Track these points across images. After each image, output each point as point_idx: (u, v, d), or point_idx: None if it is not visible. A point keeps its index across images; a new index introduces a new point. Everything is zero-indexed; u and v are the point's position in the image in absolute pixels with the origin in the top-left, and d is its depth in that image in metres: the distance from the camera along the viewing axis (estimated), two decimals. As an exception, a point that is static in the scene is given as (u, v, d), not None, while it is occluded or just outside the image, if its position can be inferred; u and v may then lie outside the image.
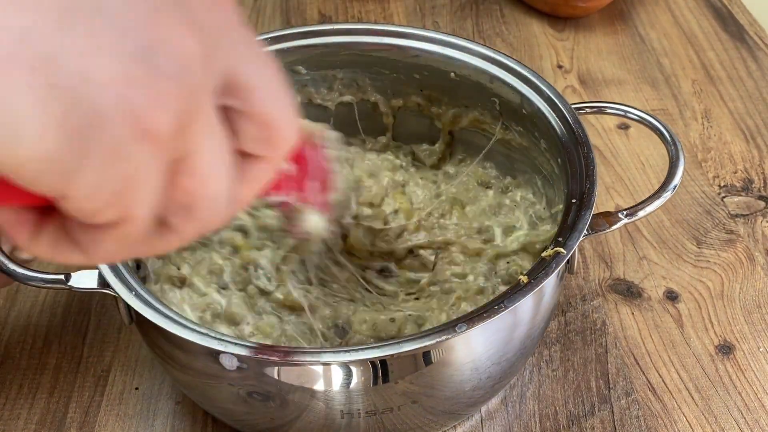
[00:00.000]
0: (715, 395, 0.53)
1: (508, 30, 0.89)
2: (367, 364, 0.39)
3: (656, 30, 0.88)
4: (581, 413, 0.52)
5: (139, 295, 0.41)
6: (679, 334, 0.57)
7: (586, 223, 0.43)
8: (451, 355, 0.41)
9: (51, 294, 0.60)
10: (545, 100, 0.51)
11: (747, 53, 0.83)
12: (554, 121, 0.50)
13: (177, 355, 0.43)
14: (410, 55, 0.57)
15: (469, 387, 0.44)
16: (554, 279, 0.44)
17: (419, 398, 0.42)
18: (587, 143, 0.48)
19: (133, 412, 0.52)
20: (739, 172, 0.70)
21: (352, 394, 0.41)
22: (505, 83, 0.54)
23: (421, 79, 0.58)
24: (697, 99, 0.78)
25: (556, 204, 0.52)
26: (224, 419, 0.49)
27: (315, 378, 0.40)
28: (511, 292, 0.40)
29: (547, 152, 0.52)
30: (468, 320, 0.38)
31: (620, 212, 0.46)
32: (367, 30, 0.57)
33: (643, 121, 0.51)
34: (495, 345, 0.43)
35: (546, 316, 0.47)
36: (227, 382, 0.42)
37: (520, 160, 0.58)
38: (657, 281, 0.60)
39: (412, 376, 0.41)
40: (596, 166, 0.47)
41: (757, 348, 0.55)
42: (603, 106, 0.53)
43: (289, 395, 0.41)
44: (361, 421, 0.42)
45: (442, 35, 0.56)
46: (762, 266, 0.61)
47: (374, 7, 0.93)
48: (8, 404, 0.53)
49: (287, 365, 0.39)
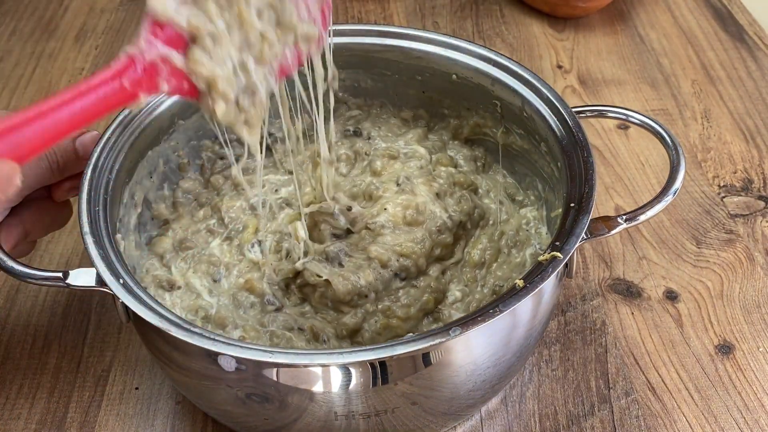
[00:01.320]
0: (714, 395, 0.53)
1: (508, 30, 0.89)
2: (366, 365, 0.39)
3: (656, 30, 0.88)
4: (581, 413, 0.52)
5: (135, 294, 0.41)
6: (678, 334, 0.57)
7: (584, 228, 0.43)
8: (449, 356, 0.41)
9: (51, 294, 0.60)
10: (546, 102, 0.51)
11: (747, 53, 0.84)
12: (554, 124, 0.50)
13: (174, 356, 0.43)
14: (412, 56, 0.57)
15: (468, 388, 0.44)
16: (552, 282, 0.44)
17: (418, 399, 0.42)
18: (587, 147, 0.48)
19: (133, 412, 0.52)
20: (738, 172, 0.70)
21: (351, 395, 0.41)
22: (506, 86, 0.54)
23: (423, 80, 0.58)
24: (696, 99, 0.78)
25: (556, 207, 0.52)
26: (223, 421, 0.49)
27: (314, 380, 0.40)
28: (506, 296, 0.40)
29: (548, 155, 0.52)
30: (462, 324, 0.39)
31: (620, 217, 0.46)
32: (369, 31, 0.57)
33: (645, 125, 0.51)
34: (493, 347, 0.43)
35: (544, 318, 0.47)
36: (225, 384, 0.41)
37: (521, 163, 0.58)
38: (657, 281, 0.60)
39: (411, 378, 0.41)
40: (596, 169, 0.46)
41: (757, 348, 0.55)
42: (604, 110, 0.53)
43: (288, 397, 0.41)
44: (360, 422, 0.42)
45: (444, 37, 0.56)
46: (762, 266, 0.61)
47: (374, 7, 0.93)
48: (8, 404, 0.53)
49: (286, 367, 0.39)
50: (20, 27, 0.91)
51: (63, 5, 0.95)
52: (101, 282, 0.42)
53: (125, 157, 0.50)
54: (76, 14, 0.93)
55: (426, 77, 0.58)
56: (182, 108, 0.54)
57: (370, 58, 0.58)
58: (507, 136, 0.57)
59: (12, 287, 0.61)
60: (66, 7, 0.95)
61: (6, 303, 0.60)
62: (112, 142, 0.49)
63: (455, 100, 0.59)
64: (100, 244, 0.43)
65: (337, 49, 0.57)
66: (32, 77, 0.83)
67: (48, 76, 0.83)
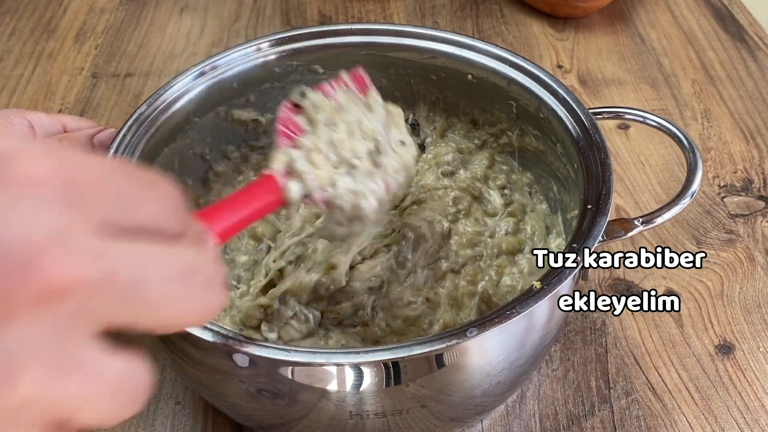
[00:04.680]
0: (715, 395, 0.53)
1: (508, 30, 0.89)
2: (380, 365, 0.39)
3: (656, 30, 0.88)
4: (581, 413, 0.52)
5: None
6: (679, 334, 0.57)
7: (602, 229, 0.43)
8: (464, 358, 0.41)
9: (51, 294, 0.60)
10: (562, 103, 0.51)
11: (747, 53, 0.84)
12: (571, 125, 0.50)
13: (189, 350, 0.43)
14: (427, 56, 0.57)
15: (480, 392, 0.44)
16: (569, 284, 0.43)
17: (429, 402, 0.42)
18: (604, 148, 0.47)
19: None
20: (738, 172, 0.70)
21: (364, 395, 0.40)
22: (522, 86, 0.54)
23: (438, 80, 0.58)
24: (696, 99, 0.78)
25: (572, 209, 0.52)
26: (228, 413, 0.49)
27: (327, 378, 0.40)
28: (523, 298, 0.40)
29: (564, 157, 0.52)
30: (479, 325, 0.38)
31: (636, 219, 0.46)
32: (385, 30, 0.57)
33: (662, 128, 0.51)
34: (508, 349, 0.42)
35: (559, 321, 0.46)
36: (238, 379, 0.41)
37: (536, 164, 0.58)
38: (657, 281, 0.60)
39: (423, 379, 0.40)
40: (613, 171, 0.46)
41: (757, 348, 0.55)
42: (621, 111, 0.53)
43: (299, 394, 0.41)
44: (368, 422, 0.42)
45: (461, 37, 0.56)
46: (762, 266, 0.61)
47: (374, 7, 0.93)
48: (8, 404, 0.53)
49: (301, 366, 0.39)
50: (20, 27, 0.91)
51: (63, 5, 0.95)
52: None
53: (141, 154, 0.49)
54: (76, 14, 0.93)
55: (441, 77, 0.58)
56: (198, 106, 0.54)
57: (384, 57, 0.58)
58: (522, 137, 0.57)
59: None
60: (66, 7, 0.95)
61: (6, 303, 0.59)
62: (128, 138, 0.49)
63: (471, 100, 0.59)
64: None
65: (351, 48, 0.57)
66: (32, 77, 0.83)
67: (48, 76, 0.83)
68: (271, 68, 0.56)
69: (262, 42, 0.56)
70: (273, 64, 0.56)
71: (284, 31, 0.57)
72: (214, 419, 0.52)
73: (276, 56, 0.56)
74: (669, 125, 0.51)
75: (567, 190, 0.53)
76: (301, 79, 0.58)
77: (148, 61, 0.85)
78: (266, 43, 0.56)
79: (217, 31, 0.90)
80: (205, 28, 0.91)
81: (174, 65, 0.85)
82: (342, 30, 0.57)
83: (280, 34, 0.56)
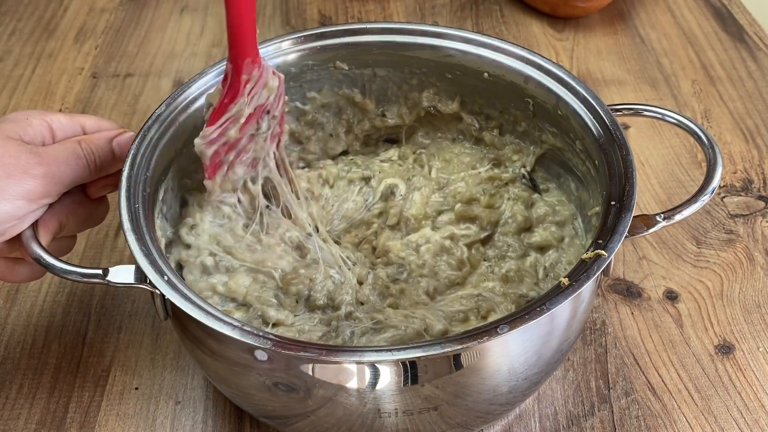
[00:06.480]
0: (714, 395, 0.53)
1: (508, 30, 0.89)
2: (399, 364, 0.39)
3: (656, 30, 0.88)
4: (581, 413, 0.52)
5: (178, 289, 0.41)
6: (678, 334, 0.57)
7: (627, 225, 0.43)
8: (485, 359, 0.41)
9: (51, 294, 0.60)
10: (582, 101, 0.51)
11: (747, 53, 0.84)
12: (591, 122, 0.50)
13: (210, 344, 0.43)
14: (443, 54, 0.57)
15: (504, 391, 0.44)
16: (592, 282, 0.43)
17: (454, 401, 0.42)
18: (626, 145, 0.47)
19: (133, 412, 0.52)
20: (738, 172, 0.70)
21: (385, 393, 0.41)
22: (540, 84, 0.54)
23: (454, 78, 0.58)
24: (696, 99, 0.78)
25: (591, 206, 0.52)
26: (238, 402, 0.49)
27: (347, 375, 0.40)
28: (552, 294, 0.39)
29: (583, 153, 0.52)
30: (509, 321, 0.38)
31: (658, 215, 0.46)
32: (400, 29, 0.57)
33: (681, 125, 0.51)
34: (532, 348, 0.42)
35: (582, 319, 0.46)
36: (256, 372, 0.42)
37: (553, 162, 0.58)
38: (657, 281, 0.60)
39: (440, 380, 0.40)
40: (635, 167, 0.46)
41: (757, 348, 0.55)
42: (640, 108, 0.53)
43: (314, 389, 0.41)
44: (377, 420, 0.42)
45: (477, 35, 0.56)
46: (761, 266, 0.61)
47: (374, 7, 0.93)
48: (8, 404, 0.53)
49: (321, 363, 0.39)
50: (20, 27, 0.91)
51: (63, 5, 0.95)
52: (140, 279, 0.42)
53: (161, 154, 0.49)
54: (76, 14, 0.93)
55: (456, 75, 0.58)
56: None
57: (400, 55, 0.58)
58: (540, 134, 0.57)
59: (12, 287, 0.61)
60: (66, 7, 0.95)
61: (6, 303, 0.60)
62: (148, 139, 0.49)
63: (487, 99, 0.59)
64: (143, 241, 0.43)
65: (366, 47, 0.57)
66: (32, 77, 0.83)
67: (48, 76, 0.83)
68: (288, 68, 0.56)
69: (285, 40, 0.57)
70: (290, 63, 0.56)
71: (306, 30, 0.57)
72: (214, 419, 0.52)
73: (296, 54, 0.56)
74: (688, 122, 0.51)
75: (586, 187, 0.53)
76: (317, 78, 0.58)
77: (148, 61, 0.85)
78: (289, 41, 0.56)
79: (217, 31, 0.90)
80: (205, 28, 0.91)
81: (174, 65, 0.85)
82: (358, 29, 0.57)
83: (297, 33, 0.57)
